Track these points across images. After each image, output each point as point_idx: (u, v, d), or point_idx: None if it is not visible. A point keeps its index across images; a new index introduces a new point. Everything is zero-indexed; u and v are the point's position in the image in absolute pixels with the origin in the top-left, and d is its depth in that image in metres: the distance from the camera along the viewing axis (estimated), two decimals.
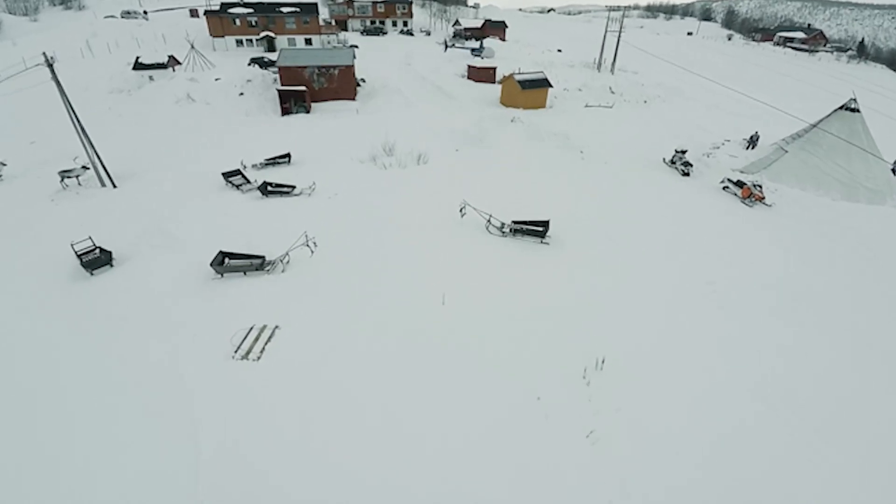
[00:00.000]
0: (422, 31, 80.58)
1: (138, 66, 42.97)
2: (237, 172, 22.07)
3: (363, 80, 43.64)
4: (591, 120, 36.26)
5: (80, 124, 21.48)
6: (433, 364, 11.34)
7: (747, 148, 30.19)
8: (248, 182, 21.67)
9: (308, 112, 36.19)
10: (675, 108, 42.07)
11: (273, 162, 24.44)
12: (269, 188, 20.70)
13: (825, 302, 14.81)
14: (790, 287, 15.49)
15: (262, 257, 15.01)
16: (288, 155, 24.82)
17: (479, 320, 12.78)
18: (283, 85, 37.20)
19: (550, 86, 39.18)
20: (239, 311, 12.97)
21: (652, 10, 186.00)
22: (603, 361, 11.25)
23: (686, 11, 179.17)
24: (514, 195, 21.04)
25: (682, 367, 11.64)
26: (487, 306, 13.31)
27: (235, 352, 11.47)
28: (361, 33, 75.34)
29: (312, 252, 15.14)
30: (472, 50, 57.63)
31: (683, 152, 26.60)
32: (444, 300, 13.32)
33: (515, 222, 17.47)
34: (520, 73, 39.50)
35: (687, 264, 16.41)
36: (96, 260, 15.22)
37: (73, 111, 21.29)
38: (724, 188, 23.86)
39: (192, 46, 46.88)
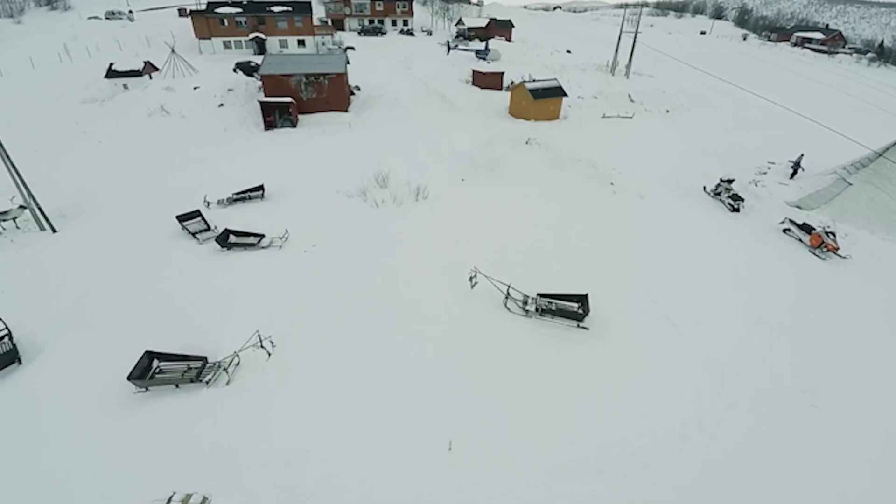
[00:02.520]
0: (423, 31, 76.25)
1: (111, 73, 38.92)
2: (196, 214, 18.08)
3: (358, 88, 39.66)
4: (611, 134, 32.17)
5: (9, 157, 17.66)
6: None
7: (791, 176, 25.66)
8: (208, 228, 17.73)
9: (294, 126, 32.24)
10: (701, 119, 37.86)
11: (243, 196, 20.47)
12: (232, 238, 16.74)
13: None
14: None
15: (203, 359, 11.09)
16: (261, 187, 20.83)
17: (500, 482, 8.81)
18: (266, 95, 33.19)
19: (565, 94, 35.07)
20: (158, 459, 9.06)
21: (662, 8, 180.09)
22: None
23: (697, 9, 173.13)
24: (536, 247, 16.96)
25: None
26: (510, 455, 9.27)
27: None
28: (359, 33, 71.11)
29: (270, 354, 11.20)
30: (477, 52, 53.35)
31: (730, 181, 22.50)
32: (451, 445, 9.36)
33: (542, 296, 13.46)
34: (531, 81, 35.35)
35: (770, 358, 12.42)
36: (2, 357, 11.45)
37: None
38: (784, 230, 19.84)
39: (173, 50, 42.85)
